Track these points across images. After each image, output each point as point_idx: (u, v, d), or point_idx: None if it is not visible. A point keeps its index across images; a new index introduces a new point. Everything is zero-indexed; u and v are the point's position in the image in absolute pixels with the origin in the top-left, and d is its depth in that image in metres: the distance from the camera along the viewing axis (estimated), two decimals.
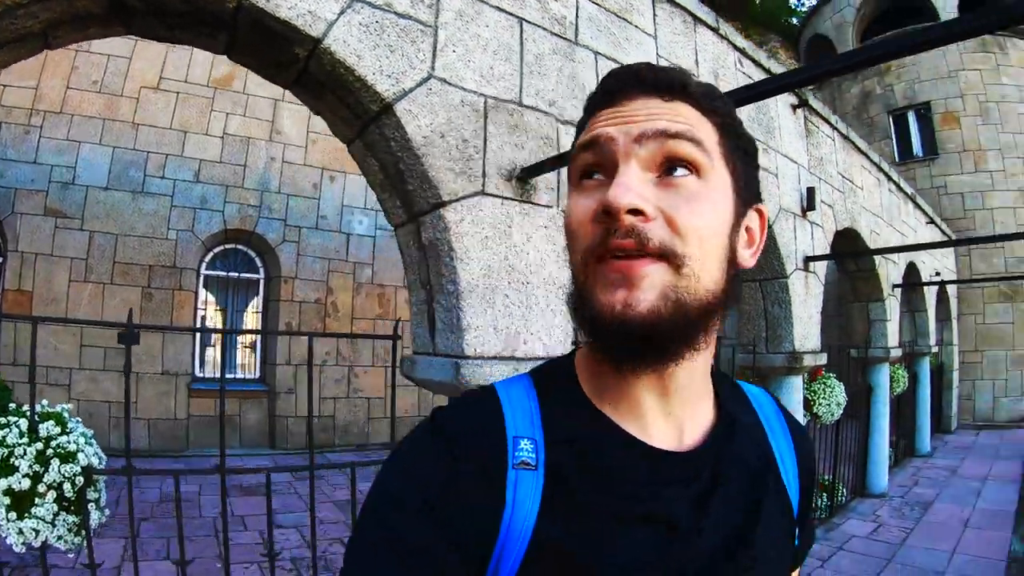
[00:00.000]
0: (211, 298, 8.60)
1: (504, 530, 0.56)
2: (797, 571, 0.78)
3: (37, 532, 1.87)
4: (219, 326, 8.63)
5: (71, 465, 1.91)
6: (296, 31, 2.08)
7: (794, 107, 4.52)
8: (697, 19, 3.73)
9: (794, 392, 4.44)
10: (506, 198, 2.52)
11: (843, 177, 5.39)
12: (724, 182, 0.60)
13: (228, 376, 8.59)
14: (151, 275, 7.59)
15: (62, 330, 6.95)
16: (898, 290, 7.33)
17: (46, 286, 7.11)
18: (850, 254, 5.91)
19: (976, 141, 13.42)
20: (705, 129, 0.59)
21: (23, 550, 1.93)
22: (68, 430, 2.00)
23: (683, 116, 0.58)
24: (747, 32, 20.29)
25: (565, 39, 2.83)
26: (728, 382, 0.76)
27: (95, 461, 2.04)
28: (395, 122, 2.27)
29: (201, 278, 8.29)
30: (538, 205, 2.63)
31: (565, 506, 0.58)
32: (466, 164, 2.40)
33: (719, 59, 3.85)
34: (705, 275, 0.57)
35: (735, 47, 4.04)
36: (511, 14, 2.62)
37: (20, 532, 1.86)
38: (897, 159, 13.90)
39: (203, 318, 8.43)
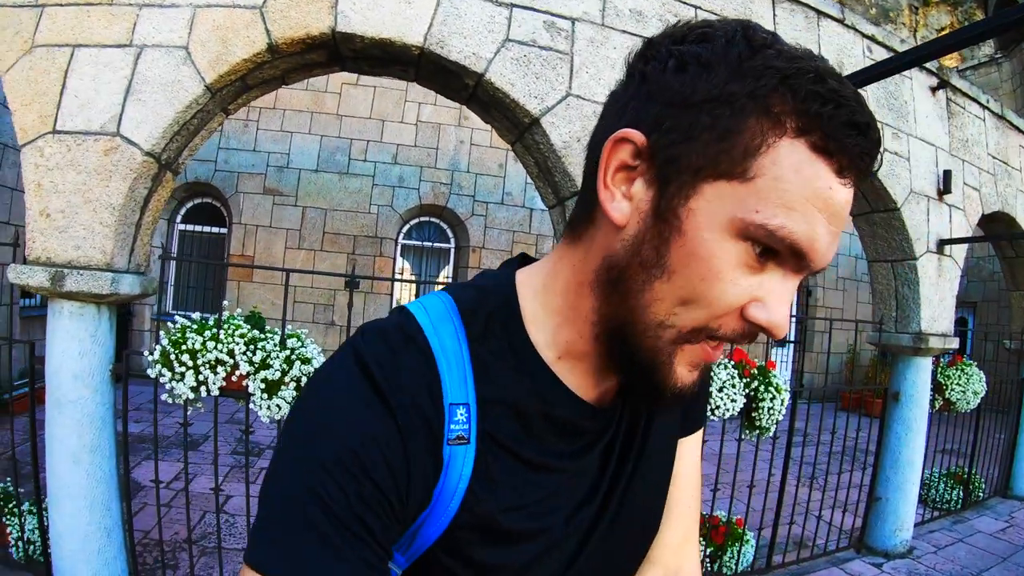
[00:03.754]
0: (407, 265, 9.91)
1: (434, 500, 0.55)
2: (696, 435, 0.81)
3: (280, 408, 2.76)
4: (412, 290, 9.98)
5: (308, 366, 2.81)
6: (464, 69, 2.81)
7: (933, 89, 4.55)
8: (820, 13, 3.94)
9: (920, 373, 4.49)
10: None
11: (995, 159, 5.23)
12: None
13: None
14: (355, 244, 8.99)
15: (280, 288, 8.50)
16: None
17: (266, 252, 8.72)
18: (995, 238, 5.69)
19: None
20: None
21: (268, 422, 2.81)
22: (304, 344, 2.91)
23: None
24: None
25: None
26: None
27: None
28: (542, 132, 2.94)
29: (399, 247, 9.60)
30: None
31: (497, 473, 0.57)
32: None
33: (844, 49, 4.05)
34: None
35: (863, 35, 4.18)
36: (634, 34, 3.16)
37: (269, 408, 2.77)
38: None
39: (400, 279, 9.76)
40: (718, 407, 3.33)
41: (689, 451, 0.79)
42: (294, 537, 0.48)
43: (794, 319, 11.31)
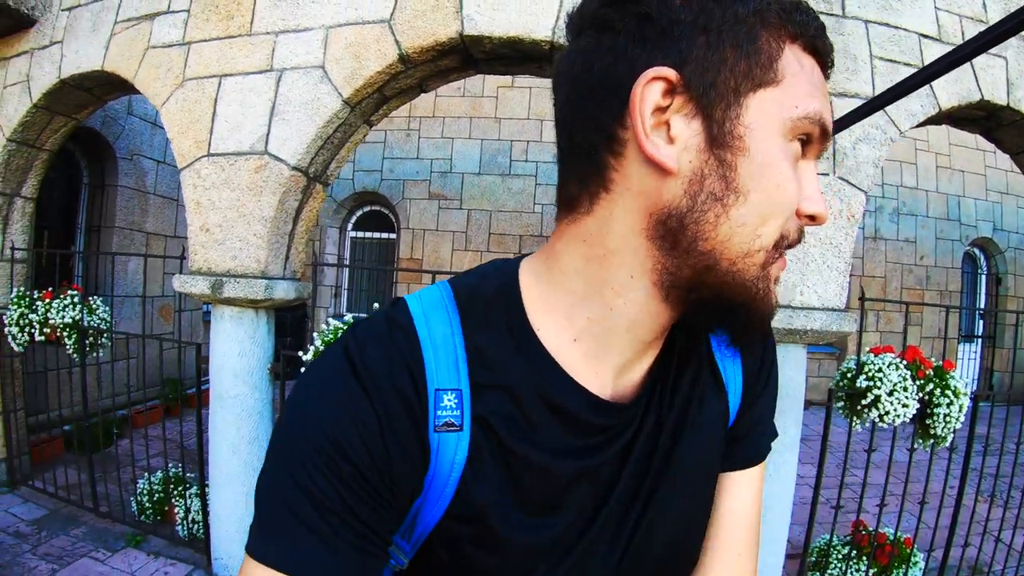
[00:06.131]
0: None
1: (426, 488, 0.54)
2: (760, 466, 0.72)
3: None
4: None
5: None
6: None
7: None
8: None
9: None
10: None
11: None
12: None
13: None
14: (521, 243, 9.15)
15: None
16: None
17: (434, 255, 9.17)
18: None
19: None
20: None
21: None
22: None
23: None
24: None
25: (832, 15, 2.92)
26: None
27: None
28: None
29: None
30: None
31: (494, 464, 0.55)
32: None
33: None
34: None
35: None
36: None
37: None
38: None
39: None
40: (887, 413, 2.90)
41: (745, 486, 0.70)
42: (281, 524, 0.50)
43: (979, 312, 9.82)
